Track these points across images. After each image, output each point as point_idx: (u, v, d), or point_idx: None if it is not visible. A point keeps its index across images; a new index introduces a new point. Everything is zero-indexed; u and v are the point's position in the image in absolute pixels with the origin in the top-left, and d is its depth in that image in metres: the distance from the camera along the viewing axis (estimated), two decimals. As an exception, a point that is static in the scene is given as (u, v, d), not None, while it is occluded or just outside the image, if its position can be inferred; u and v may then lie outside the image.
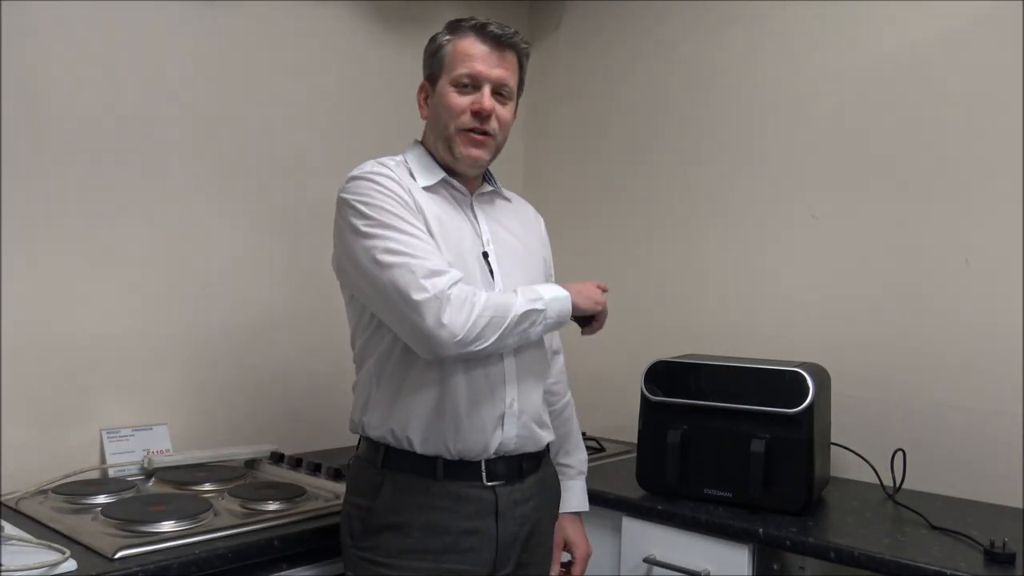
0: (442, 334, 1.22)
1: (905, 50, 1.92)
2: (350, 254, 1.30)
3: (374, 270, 1.25)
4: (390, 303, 1.24)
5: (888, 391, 1.91)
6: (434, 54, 1.44)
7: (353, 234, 1.29)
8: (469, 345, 1.24)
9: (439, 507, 1.31)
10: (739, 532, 1.54)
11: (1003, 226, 1.78)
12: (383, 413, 1.34)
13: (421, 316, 1.21)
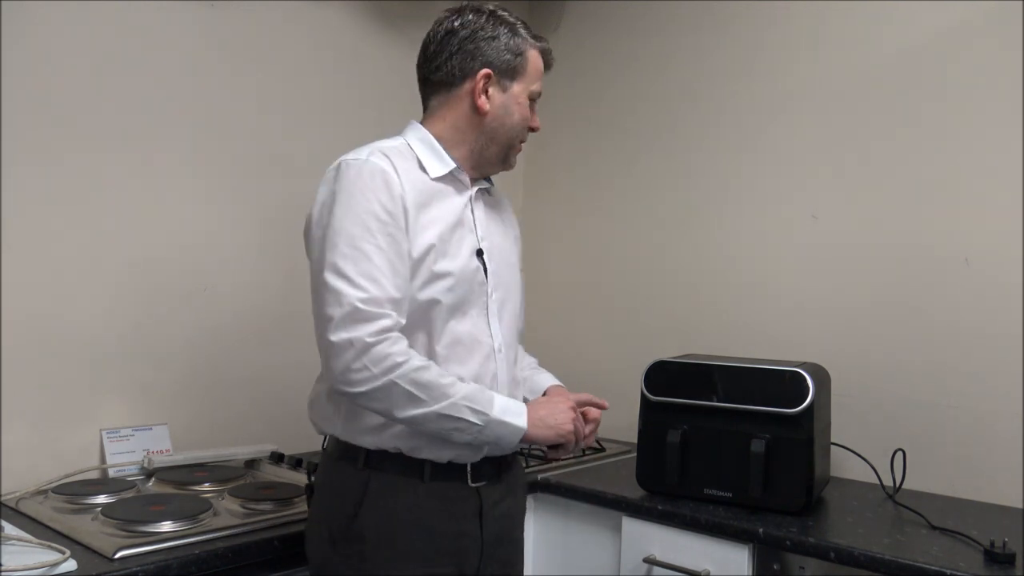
0: (339, 379, 1.19)
1: (905, 50, 1.92)
2: (310, 241, 1.26)
3: (316, 279, 1.22)
4: (316, 321, 1.22)
5: (888, 391, 1.91)
6: (516, 53, 1.35)
7: (319, 224, 1.24)
8: (365, 400, 1.21)
9: (425, 508, 1.27)
10: (739, 532, 1.54)
11: (1003, 226, 1.78)
12: (365, 424, 1.27)
13: (328, 356, 1.20)
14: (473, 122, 1.36)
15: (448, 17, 1.36)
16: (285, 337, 2.07)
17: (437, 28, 1.36)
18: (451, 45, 1.33)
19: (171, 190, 1.87)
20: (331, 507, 1.30)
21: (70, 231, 1.71)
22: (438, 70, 1.35)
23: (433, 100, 1.38)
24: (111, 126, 1.77)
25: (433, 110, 1.38)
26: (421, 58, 1.38)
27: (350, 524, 1.26)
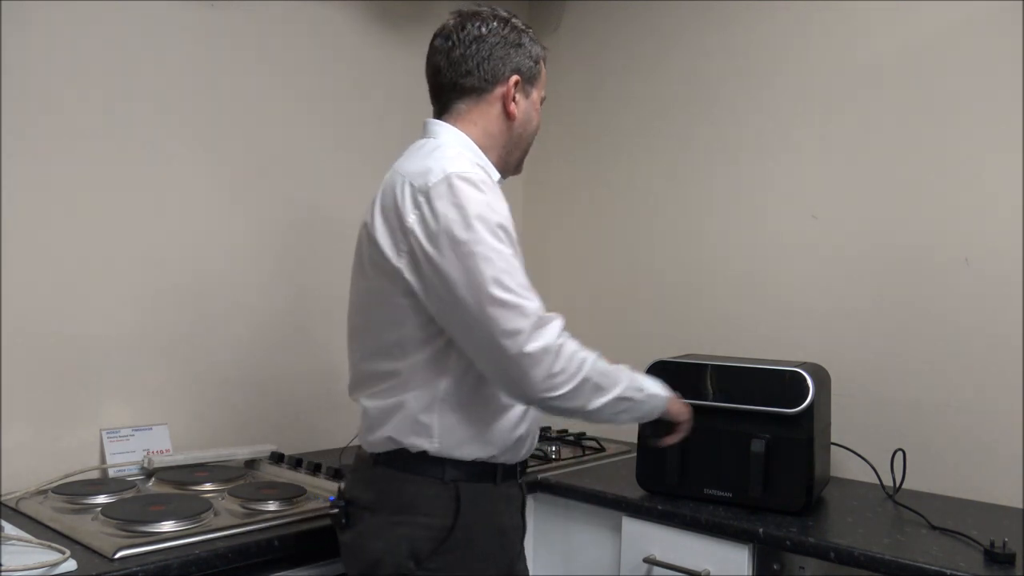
0: (541, 387, 1.17)
1: (905, 50, 1.92)
2: (446, 270, 1.17)
3: (478, 297, 1.16)
4: (493, 338, 1.16)
5: (888, 391, 1.91)
6: (536, 61, 1.39)
7: (454, 242, 1.17)
8: (563, 402, 1.20)
9: (497, 510, 1.31)
10: (739, 532, 1.54)
11: (1003, 226, 1.78)
12: (465, 436, 1.26)
13: (526, 368, 1.16)
14: (503, 127, 1.37)
15: (471, 22, 1.34)
16: (286, 337, 2.07)
17: (461, 33, 1.33)
18: (482, 50, 1.33)
19: (172, 190, 1.87)
20: (419, 524, 1.25)
21: (70, 231, 1.71)
22: (468, 75, 1.33)
23: (460, 104, 1.36)
24: (111, 126, 1.77)
25: (462, 113, 1.36)
26: (443, 62, 1.35)
27: (446, 537, 1.24)
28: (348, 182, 2.21)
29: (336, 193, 2.18)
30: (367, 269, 1.28)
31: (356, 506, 1.31)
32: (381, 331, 1.26)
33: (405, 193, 1.22)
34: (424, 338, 1.24)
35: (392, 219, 1.23)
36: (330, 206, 2.17)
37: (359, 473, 1.34)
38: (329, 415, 2.17)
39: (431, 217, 1.19)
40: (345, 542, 1.33)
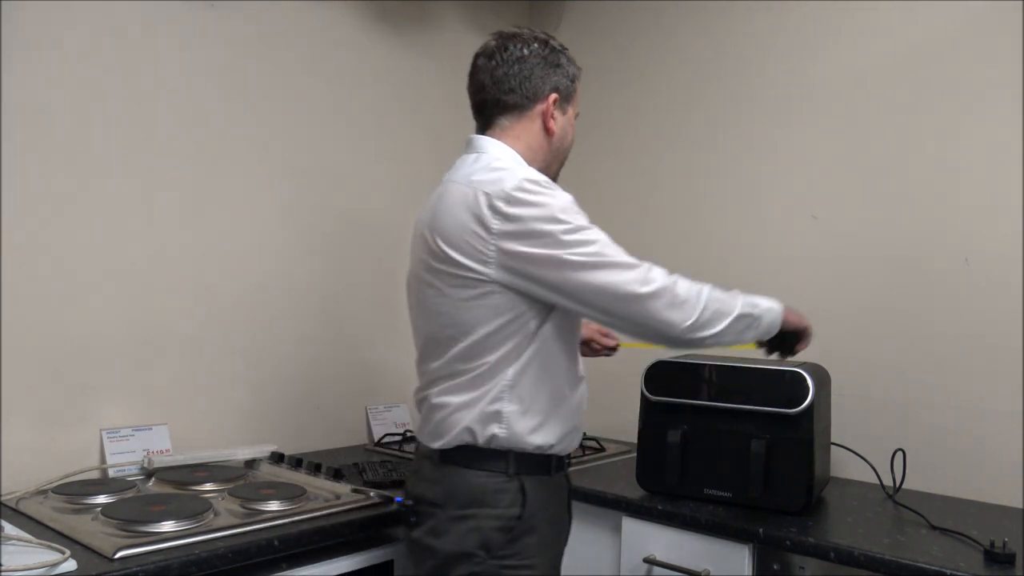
0: (674, 320, 1.29)
1: (905, 50, 1.92)
2: (550, 259, 1.27)
3: (594, 274, 1.27)
4: (616, 300, 1.28)
5: (888, 391, 1.91)
6: (572, 80, 1.48)
7: (549, 236, 1.27)
8: (698, 331, 1.31)
9: (552, 500, 1.39)
10: (739, 532, 1.54)
11: (1003, 226, 1.78)
12: (531, 425, 1.34)
13: (658, 307, 1.28)
14: (543, 142, 1.45)
15: (513, 43, 1.44)
16: (286, 337, 2.07)
17: (504, 53, 1.43)
18: (524, 70, 1.42)
19: (171, 190, 1.86)
20: (488, 516, 1.32)
21: (70, 231, 1.71)
22: (511, 92, 1.42)
23: (504, 120, 1.44)
24: (110, 125, 1.76)
25: (505, 129, 1.44)
26: (488, 79, 1.44)
27: (514, 527, 1.32)
28: (348, 182, 2.21)
29: (336, 193, 2.18)
30: (438, 281, 1.35)
31: (424, 503, 1.38)
32: (465, 335, 1.33)
33: (481, 202, 1.29)
34: (506, 336, 1.32)
35: (470, 230, 1.30)
36: (330, 205, 2.17)
37: (424, 471, 1.41)
38: (329, 415, 2.17)
39: (520, 219, 1.28)
40: (415, 539, 1.39)
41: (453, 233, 1.31)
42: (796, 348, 1.55)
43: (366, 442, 2.23)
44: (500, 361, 1.32)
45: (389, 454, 2.06)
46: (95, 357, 1.74)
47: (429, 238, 1.36)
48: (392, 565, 1.55)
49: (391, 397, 2.32)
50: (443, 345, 1.36)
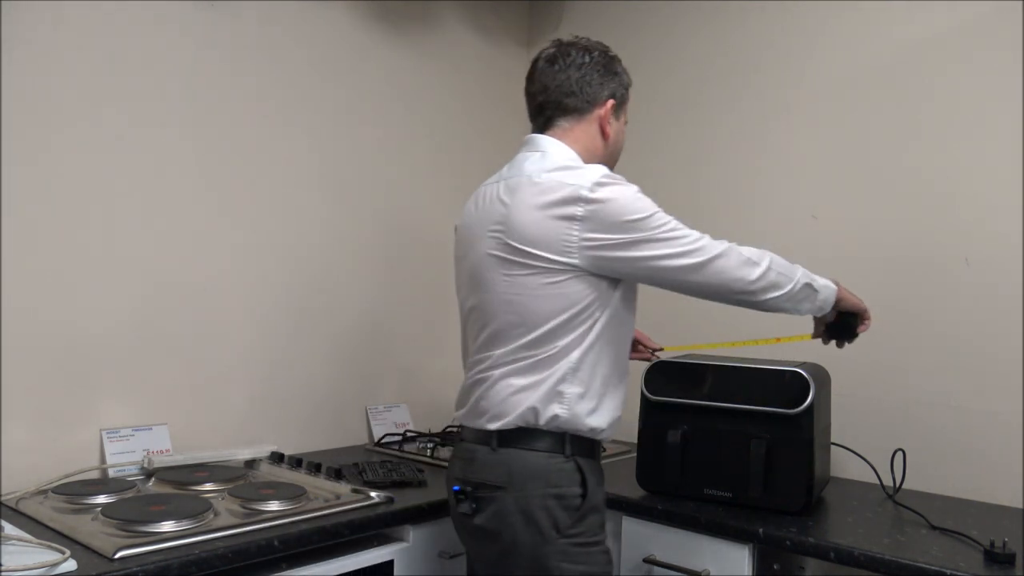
0: (745, 274, 1.40)
1: (905, 50, 1.92)
2: (634, 243, 1.35)
3: (669, 247, 1.37)
4: (694, 269, 1.38)
5: (888, 391, 1.91)
6: (627, 88, 1.55)
7: (630, 224, 1.35)
8: (766, 292, 1.42)
9: (601, 484, 1.45)
10: (739, 532, 1.54)
11: (1003, 226, 1.78)
12: (589, 407, 1.40)
13: (724, 263, 1.39)
14: (599, 146, 1.51)
15: (574, 49, 1.49)
16: (285, 336, 2.07)
17: (567, 59, 1.48)
18: (586, 75, 1.48)
19: (170, 189, 1.86)
20: (554, 495, 1.36)
21: (70, 231, 1.71)
22: (572, 95, 1.48)
23: (564, 122, 1.49)
24: (110, 125, 1.76)
25: (565, 131, 1.49)
26: (551, 82, 1.48)
27: (580, 505, 1.38)
28: (348, 182, 2.21)
29: (335, 193, 2.18)
30: (513, 273, 1.39)
31: (486, 488, 1.40)
32: (538, 324, 1.38)
33: (565, 194, 1.36)
34: (575, 323, 1.38)
35: (552, 222, 1.36)
36: (330, 204, 2.17)
37: (480, 457, 1.42)
38: (329, 415, 2.17)
39: (604, 208, 1.35)
40: (480, 526, 1.41)
41: (532, 226, 1.37)
42: (858, 331, 1.61)
43: (366, 442, 2.23)
44: (567, 345, 1.38)
45: (389, 454, 2.06)
46: (95, 357, 1.74)
47: (502, 232, 1.40)
48: (392, 565, 1.55)
49: (391, 397, 2.32)
50: (512, 333, 1.40)
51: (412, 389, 2.37)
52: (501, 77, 2.61)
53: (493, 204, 1.44)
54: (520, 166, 1.46)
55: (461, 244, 1.52)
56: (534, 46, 2.68)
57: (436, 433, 2.25)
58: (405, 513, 1.59)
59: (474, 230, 1.47)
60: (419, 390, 2.38)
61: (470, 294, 1.48)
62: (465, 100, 2.51)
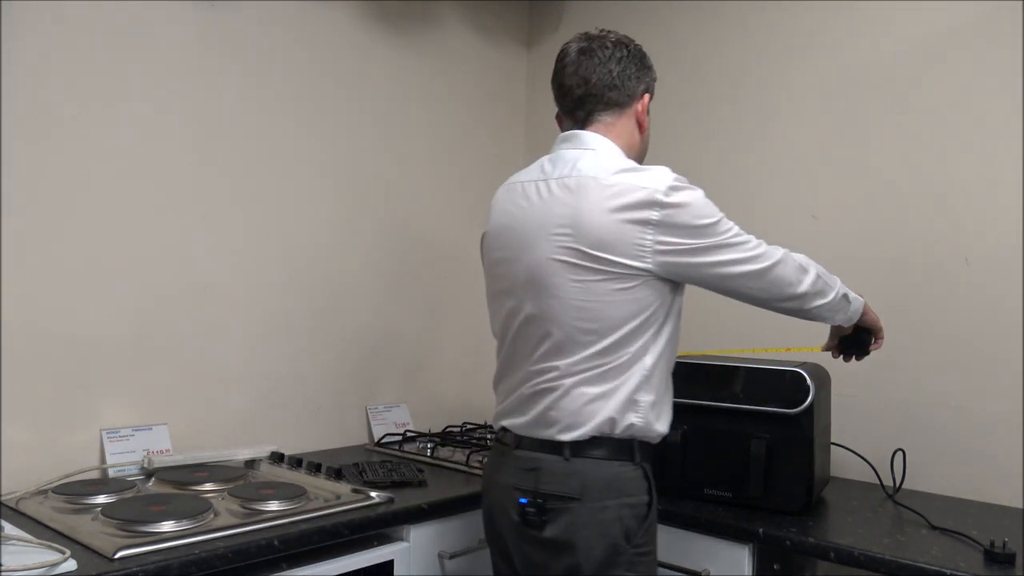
0: (799, 279, 1.41)
1: (905, 50, 1.92)
2: (705, 248, 1.34)
3: (735, 254, 1.36)
4: (756, 275, 1.38)
5: (888, 391, 1.91)
6: (655, 81, 1.54)
7: (702, 229, 1.34)
8: (813, 298, 1.43)
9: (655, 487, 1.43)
10: (739, 532, 1.54)
11: (1003, 226, 1.78)
12: (657, 413, 1.39)
13: (783, 270, 1.39)
14: (636, 140, 1.50)
15: (610, 42, 1.47)
16: (285, 336, 2.07)
17: (607, 51, 1.45)
18: (626, 69, 1.46)
19: (170, 189, 1.86)
20: (626, 505, 1.35)
21: (71, 231, 1.71)
22: (614, 89, 1.45)
23: (606, 116, 1.46)
24: (110, 125, 1.76)
25: (608, 126, 1.46)
26: (592, 75, 1.44)
27: (647, 514, 1.37)
28: (347, 181, 2.21)
29: (335, 193, 2.18)
30: (583, 278, 1.34)
31: (557, 500, 1.34)
32: (611, 329, 1.34)
33: (639, 197, 1.32)
34: (645, 327, 1.36)
35: (625, 226, 1.32)
36: (329, 204, 2.17)
37: (549, 467, 1.36)
38: (329, 415, 2.17)
39: (678, 213, 1.33)
40: (550, 538, 1.35)
41: (604, 230, 1.32)
42: (871, 348, 1.62)
43: (366, 442, 2.23)
44: (638, 351, 1.36)
45: (389, 454, 2.06)
46: (95, 357, 1.74)
47: (570, 236, 1.34)
48: (392, 565, 1.55)
49: (391, 397, 2.32)
50: (583, 340, 1.35)
51: (412, 389, 2.37)
52: (501, 77, 2.61)
53: (550, 205, 1.38)
54: (572, 164, 1.39)
55: (507, 247, 1.43)
56: (534, 46, 2.68)
57: (436, 433, 2.25)
58: (405, 513, 1.59)
59: (527, 232, 1.39)
60: (419, 390, 2.38)
61: (527, 300, 1.39)
62: (465, 100, 2.51)
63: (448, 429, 2.30)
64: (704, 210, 1.35)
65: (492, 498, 1.46)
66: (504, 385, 1.47)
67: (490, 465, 1.50)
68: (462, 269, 2.48)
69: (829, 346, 1.67)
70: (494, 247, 1.47)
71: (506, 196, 1.48)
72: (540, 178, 1.43)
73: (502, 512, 1.42)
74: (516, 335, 1.43)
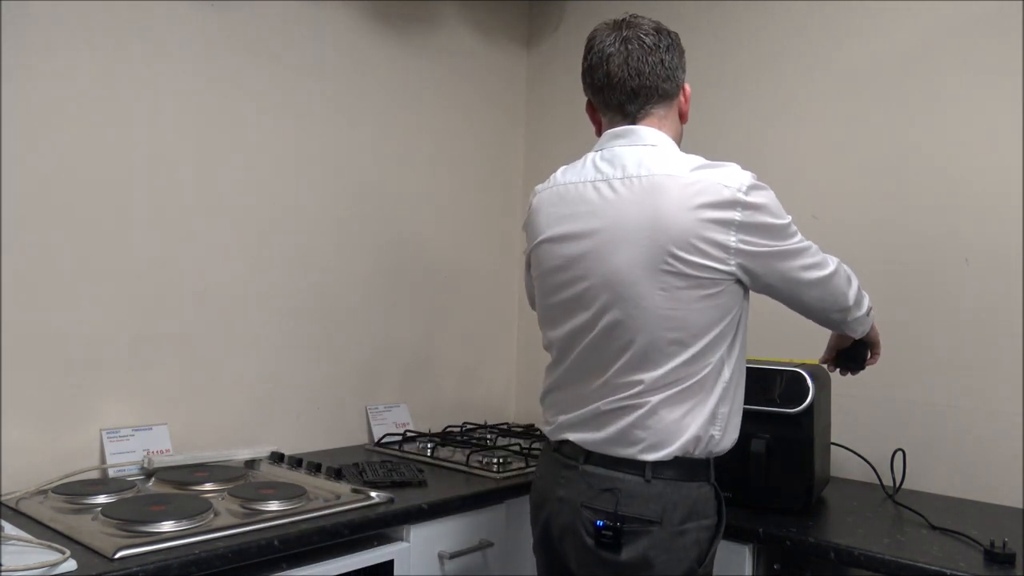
0: (849, 292, 1.42)
1: (905, 50, 1.92)
2: (781, 252, 1.32)
3: (804, 259, 1.35)
4: (818, 283, 1.37)
5: (888, 391, 1.91)
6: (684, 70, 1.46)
7: (778, 230, 1.31)
8: (855, 310, 1.45)
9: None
10: (739, 532, 1.54)
11: (1003, 226, 1.78)
12: (732, 424, 1.35)
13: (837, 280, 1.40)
14: (680, 129, 1.44)
15: (655, 29, 1.38)
16: (285, 336, 2.07)
17: (656, 39, 1.37)
18: (673, 58, 1.38)
19: (170, 189, 1.86)
20: (703, 527, 1.31)
21: (70, 230, 1.71)
22: (668, 80, 1.38)
23: (659, 109, 1.39)
24: (110, 125, 1.76)
25: (662, 120, 1.39)
26: (645, 66, 1.36)
27: (716, 535, 1.33)
28: (347, 181, 2.21)
29: (335, 193, 2.18)
30: (668, 284, 1.27)
31: (636, 522, 1.28)
32: (695, 337, 1.29)
33: (724, 197, 1.27)
34: (725, 335, 1.32)
35: (709, 227, 1.27)
36: (328, 204, 2.17)
37: (628, 488, 1.29)
38: (329, 415, 2.17)
39: (759, 214, 1.29)
40: (626, 562, 1.28)
41: (690, 232, 1.26)
42: (867, 363, 1.61)
43: (366, 442, 2.23)
44: (719, 362, 1.31)
45: (389, 454, 2.06)
46: (95, 357, 1.74)
47: (654, 240, 1.26)
48: (392, 565, 1.55)
49: (391, 397, 2.32)
50: (668, 351, 1.29)
51: (412, 389, 2.37)
52: (501, 77, 2.61)
53: (622, 207, 1.30)
54: (636, 162, 1.32)
55: (572, 256, 1.35)
56: (534, 46, 2.68)
57: (436, 433, 2.25)
58: (405, 513, 1.59)
59: (599, 238, 1.31)
60: (419, 390, 2.38)
61: (606, 310, 1.31)
62: (464, 100, 2.51)
63: (448, 429, 2.30)
64: (779, 211, 1.32)
65: (551, 512, 1.38)
66: (567, 397, 1.39)
67: (546, 476, 1.41)
68: (462, 269, 2.48)
69: (826, 359, 1.65)
70: (553, 256, 1.38)
71: (557, 201, 1.39)
72: (598, 178, 1.35)
73: (567, 529, 1.34)
74: (589, 347, 1.34)
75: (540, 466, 1.47)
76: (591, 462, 1.33)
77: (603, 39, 1.37)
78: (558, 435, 1.40)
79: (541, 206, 1.43)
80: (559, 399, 1.41)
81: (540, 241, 1.41)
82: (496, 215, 2.60)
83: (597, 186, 1.34)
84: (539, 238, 1.41)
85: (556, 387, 1.42)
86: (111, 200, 1.77)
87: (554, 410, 1.42)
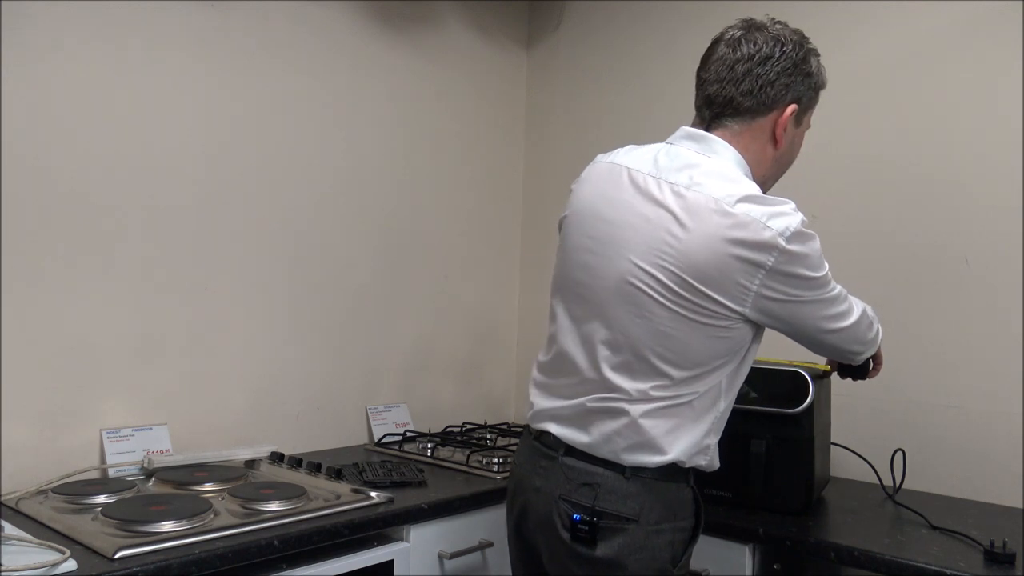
0: (868, 337, 1.40)
1: (904, 49, 1.92)
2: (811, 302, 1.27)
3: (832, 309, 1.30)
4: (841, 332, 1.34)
5: (888, 391, 1.91)
6: (817, 90, 1.36)
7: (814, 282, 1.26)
8: (870, 347, 1.43)
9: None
10: (739, 532, 1.54)
11: (1003, 226, 1.78)
12: (716, 455, 1.34)
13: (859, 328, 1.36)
14: (767, 154, 1.33)
15: (763, 37, 1.30)
16: (285, 337, 2.07)
17: (752, 47, 1.29)
18: (769, 73, 1.28)
19: (170, 189, 1.86)
20: (679, 528, 1.31)
21: (70, 230, 1.71)
22: (748, 95, 1.28)
23: (734, 123, 1.31)
24: (110, 125, 1.76)
25: (735, 134, 1.31)
26: (727, 73, 1.29)
27: (692, 537, 1.33)
28: (347, 182, 2.21)
29: (334, 193, 2.18)
30: (672, 306, 1.23)
31: (613, 518, 1.27)
32: (694, 364, 1.26)
33: (761, 237, 1.20)
34: (724, 366, 1.29)
35: (735, 264, 1.21)
36: (326, 206, 2.17)
37: (608, 484, 1.28)
38: (329, 415, 2.17)
39: (795, 263, 1.22)
40: (600, 557, 1.26)
41: (712, 265, 1.20)
42: (869, 374, 1.57)
43: (366, 442, 2.23)
44: (712, 389, 1.28)
45: (389, 454, 2.06)
46: (95, 357, 1.74)
47: (673, 263, 1.22)
48: (392, 565, 1.55)
49: (391, 397, 2.32)
50: (660, 368, 1.25)
51: (412, 389, 2.37)
52: (501, 77, 2.61)
53: (659, 214, 1.24)
54: (690, 170, 1.25)
55: (597, 239, 1.30)
56: (534, 46, 2.68)
57: (436, 433, 2.25)
58: (405, 513, 1.59)
59: (626, 231, 1.27)
60: (419, 390, 2.38)
61: (608, 308, 1.28)
62: (464, 99, 2.51)
63: (448, 429, 2.30)
64: (817, 263, 1.24)
65: (526, 501, 1.36)
66: (555, 381, 1.36)
67: (523, 464, 1.39)
68: (462, 269, 2.48)
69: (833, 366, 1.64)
70: (582, 232, 1.33)
71: (606, 177, 1.33)
72: (651, 172, 1.28)
73: (542, 521, 1.33)
74: (584, 337, 1.31)
75: (519, 453, 1.44)
76: (571, 455, 1.31)
77: (719, 37, 1.32)
78: (539, 423, 1.37)
79: (589, 176, 1.38)
80: (547, 382, 1.39)
81: (571, 212, 1.38)
82: (496, 215, 2.60)
83: (646, 179, 1.27)
84: (571, 210, 1.38)
85: (547, 368, 1.39)
86: (111, 200, 1.77)
87: (540, 391, 1.39)
